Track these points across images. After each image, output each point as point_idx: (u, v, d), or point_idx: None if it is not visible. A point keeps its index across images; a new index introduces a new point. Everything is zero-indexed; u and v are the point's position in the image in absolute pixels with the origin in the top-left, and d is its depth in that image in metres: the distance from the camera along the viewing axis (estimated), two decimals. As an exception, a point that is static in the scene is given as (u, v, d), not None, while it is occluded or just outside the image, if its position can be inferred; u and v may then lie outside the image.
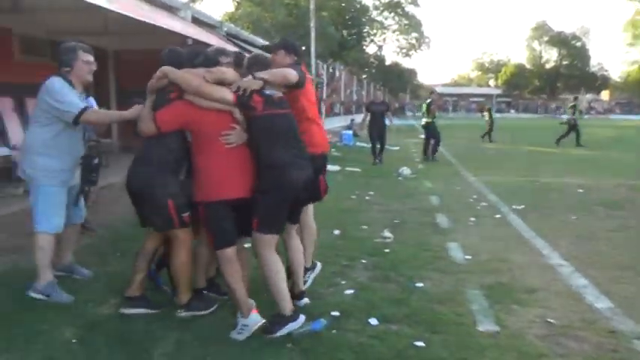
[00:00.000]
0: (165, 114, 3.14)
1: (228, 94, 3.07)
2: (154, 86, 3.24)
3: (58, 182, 3.63)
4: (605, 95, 74.98)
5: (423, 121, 13.60)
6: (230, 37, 12.58)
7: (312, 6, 18.73)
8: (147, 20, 6.19)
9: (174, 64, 3.28)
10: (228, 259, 3.14)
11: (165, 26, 6.78)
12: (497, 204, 7.44)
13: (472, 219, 6.47)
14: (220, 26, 12.23)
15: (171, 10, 9.95)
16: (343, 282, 4.12)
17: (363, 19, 41.92)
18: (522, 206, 7.21)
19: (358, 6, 42.21)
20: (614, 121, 47.15)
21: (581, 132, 17.87)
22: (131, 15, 5.96)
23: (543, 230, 5.88)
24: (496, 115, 23.49)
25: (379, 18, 51.80)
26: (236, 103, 3.08)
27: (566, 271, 4.47)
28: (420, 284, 4.08)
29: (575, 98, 19.43)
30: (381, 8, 51.51)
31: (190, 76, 3.10)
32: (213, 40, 9.88)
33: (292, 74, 3.29)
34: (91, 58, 3.74)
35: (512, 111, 65.78)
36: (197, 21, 10.88)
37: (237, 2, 31.11)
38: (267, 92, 3.16)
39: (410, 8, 52.00)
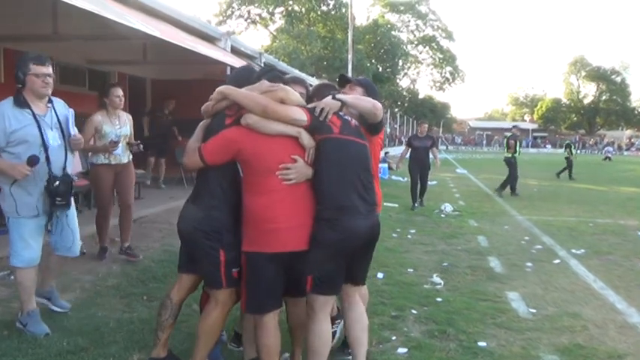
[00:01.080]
0: (213, 143, 2.57)
1: (302, 114, 2.56)
2: (210, 110, 2.71)
3: (25, 213, 3.32)
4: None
5: (504, 156, 13.41)
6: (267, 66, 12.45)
7: (349, 39, 18.66)
8: (187, 47, 5.96)
9: (240, 82, 2.71)
10: (263, 325, 2.60)
11: (205, 53, 6.56)
12: (553, 247, 6.85)
13: (529, 264, 5.91)
14: (259, 57, 12.09)
15: (212, 40, 9.85)
16: (393, 337, 3.64)
17: (398, 53, 41.93)
18: (582, 250, 6.62)
19: (393, 39, 42.33)
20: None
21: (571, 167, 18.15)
22: (172, 41, 5.75)
23: (612, 280, 5.30)
24: (531, 150, 22.95)
25: (414, 52, 51.95)
26: (309, 126, 2.56)
27: (651, 332, 3.89)
28: (483, 344, 3.57)
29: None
30: (416, 42, 51.69)
31: (256, 94, 2.55)
32: (252, 71, 9.72)
33: (381, 108, 2.80)
34: (45, 70, 3.30)
35: (549, 146, 64.35)
36: (236, 51, 10.76)
37: (274, 35, 31.58)
38: (345, 116, 2.71)
39: (445, 42, 52.09)
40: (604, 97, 68.39)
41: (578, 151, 58.04)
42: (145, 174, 8.68)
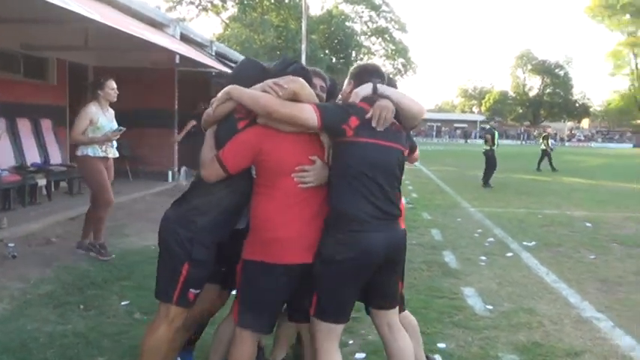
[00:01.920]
0: (232, 149, 2.27)
1: (312, 114, 2.21)
2: (217, 114, 2.35)
3: None
4: (585, 123, 76.12)
5: (483, 149, 13.77)
6: (219, 56, 12.07)
7: (303, 29, 18.39)
8: (131, 32, 5.60)
9: (241, 79, 2.37)
10: (242, 338, 2.33)
11: (151, 40, 6.19)
12: (505, 240, 6.92)
13: (483, 258, 5.92)
14: (210, 45, 11.71)
15: (160, 26, 9.42)
16: (351, 342, 3.48)
17: (352, 44, 41.88)
18: (533, 243, 6.71)
19: (347, 30, 42.24)
20: (597, 150, 47.61)
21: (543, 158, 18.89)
22: (114, 26, 5.37)
23: (563, 272, 5.36)
24: (479, 141, 23.64)
25: (367, 43, 52.09)
26: (321, 127, 2.24)
27: (605, 326, 3.91)
28: (443, 345, 3.48)
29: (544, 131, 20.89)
30: (369, 33, 51.84)
31: (258, 92, 2.25)
32: (203, 59, 9.35)
33: (424, 114, 2.49)
34: None
35: (496, 137, 66.04)
36: (186, 39, 10.35)
37: (226, 23, 30.84)
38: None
39: (397, 34, 52.47)
40: (548, 90, 71.01)
41: (524, 142, 60.59)
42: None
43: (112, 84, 5.02)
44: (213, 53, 11.63)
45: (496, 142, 13.52)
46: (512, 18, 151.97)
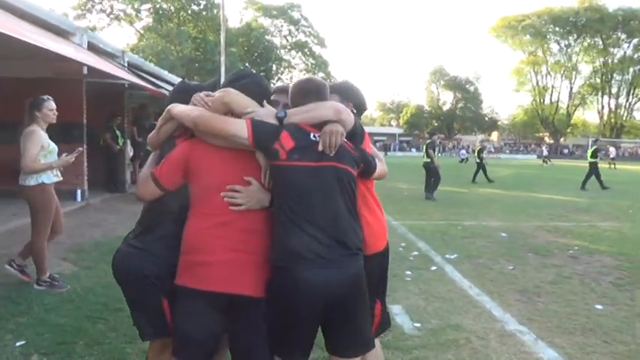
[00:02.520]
0: (165, 165, 2.17)
1: (242, 129, 2.03)
2: (161, 135, 2.28)
3: None
4: (494, 136, 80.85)
5: (423, 161, 14.13)
6: (132, 67, 11.47)
7: (222, 41, 18.02)
8: (21, 38, 5.07)
9: (177, 97, 2.32)
10: None
11: (49, 48, 5.66)
12: (428, 253, 6.98)
13: (408, 272, 5.90)
14: (122, 55, 11.09)
15: (64, 34, 8.76)
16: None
17: (272, 57, 41.88)
18: (455, 255, 6.81)
19: (267, 44, 42.23)
20: (506, 161, 50.56)
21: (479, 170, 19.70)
22: (9, 34, 4.84)
23: (485, 285, 5.45)
24: (398, 154, 24.54)
25: (287, 57, 52.45)
26: (252, 144, 2.04)
27: (529, 339, 3.95)
28: (373, 369, 3.33)
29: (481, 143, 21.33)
30: (289, 47, 52.24)
31: (190, 107, 2.14)
32: (114, 70, 8.80)
33: (345, 111, 2.19)
34: None
35: (414, 150, 68.63)
36: (94, 48, 9.71)
37: (141, 34, 29.69)
38: (308, 132, 2.11)
39: (317, 48, 53.27)
40: (460, 105, 74.85)
41: (439, 155, 63.13)
42: (-21, 188, 7.39)
43: (51, 104, 4.65)
44: (126, 64, 11.02)
45: (436, 156, 14.16)
46: (426, 35, 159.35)
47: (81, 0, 32.00)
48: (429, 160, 13.88)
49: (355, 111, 2.49)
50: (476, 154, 20.55)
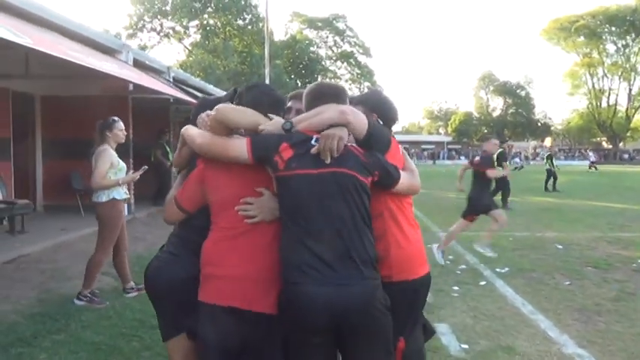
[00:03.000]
0: (184, 187, 2.21)
1: (241, 150, 1.96)
2: (182, 157, 2.30)
3: None
4: (548, 142, 78.09)
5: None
6: (177, 82, 11.66)
7: (266, 54, 18.18)
8: (67, 58, 5.16)
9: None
10: None
11: (92, 66, 5.75)
12: (477, 267, 6.63)
13: (455, 288, 5.60)
14: (167, 71, 11.30)
15: (110, 52, 8.97)
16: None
17: (317, 68, 42.05)
18: (506, 269, 6.44)
19: (312, 55, 42.46)
20: (560, 167, 48.50)
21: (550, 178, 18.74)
22: (45, 50, 4.93)
23: (540, 302, 5.08)
24: (447, 162, 23.77)
25: (332, 67, 52.57)
26: (254, 162, 1.98)
27: (589, 365, 3.60)
28: (416, 396, 3.09)
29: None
30: (334, 58, 52.34)
31: (196, 131, 2.12)
32: (158, 86, 8.93)
33: (353, 112, 2.02)
34: None
35: (462, 157, 67.22)
36: (140, 65, 9.92)
37: (189, 50, 30.47)
38: (306, 139, 1.98)
39: (362, 58, 53.13)
40: (511, 110, 72.72)
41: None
42: (28, 204, 7.60)
43: (121, 125, 4.93)
44: (171, 79, 11.21)
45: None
46: (474, 40, 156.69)
47: (132, 20, 33.33)
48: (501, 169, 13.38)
49: (381, 122, 2.30)
50: (546, 161, 19.60)
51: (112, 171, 4.77)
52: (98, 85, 9.10)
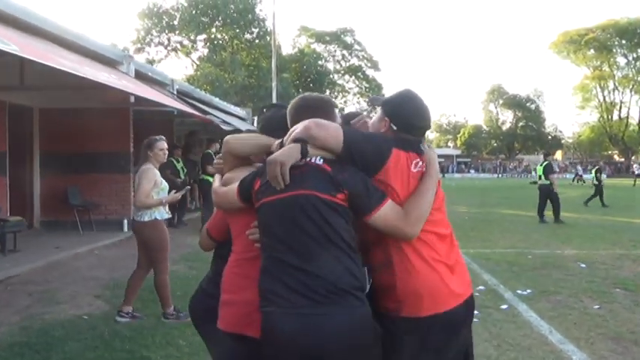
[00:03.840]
0: (213, 217, 2.27)
1: (234, 197, 1.97)
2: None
3: None
4: (558, 155, 77.31)
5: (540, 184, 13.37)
6: (181, 95, 11.37)
7: (273, 68, 17.94)
8: (62, 67, 4.84)
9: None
10: None
11: (89, 76, 5.42)
12: (497, 288, 6.18)
13: (475, 312, 5.13)
14: (171, 84, 11.02)
15: (111, 63, 8.70)
16: None
17: (325, 82, 41.88)
18: (528, 291, 5.98)
19: (319, 69, 42.32)
20: (572, 181, 47.86)
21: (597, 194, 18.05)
22: (34, 59, 4.60)
23: (569, 329, 4.62)
24: (456, 176, 23.15)
25: (340, 81, 52.47)
26: (243, 204, 1.93)
27: (635, 408, 3.15)
28: None
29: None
30: (342, 72, 52.25)
31: (216, 184, 2.16)
32: (159, 98, 8.62)
33: (322, 126, 1.81)
34: None
35: (472, 171, 66.70)
36: (142, 77, 9.64)
37: (197, 64, 30.41)
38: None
39: (370, 72, 52.99)
40: (521, 124, 72.13)
41: (500, 175, 61.07)
42: (20, 221, 7.24)
43: (163, 144, 4.83)
44: (175, 92, 10.92)
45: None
46: (483, 53, 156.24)
47: (140, 34, 33.35)
48: (547, 182, 12.97)
49: (395, 128, 1.99)
50: (594, 175, 18.91)
51: (155, 190, 4.68)
52: (99, 98, 8.82)
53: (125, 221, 9.17)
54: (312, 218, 1.72)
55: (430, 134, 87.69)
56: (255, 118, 13.80)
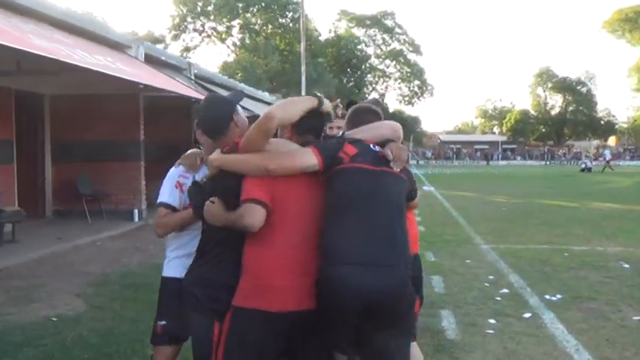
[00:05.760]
0: (254, 186, 2.22)
1: (311, 157, 2.10)
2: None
3: None
4: (612, 141, 73.55)
5: None
6: (200, 80, 10.99)
7: (302, 51, 17.38)
8: (29, 50, 4.46)
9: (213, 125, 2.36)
10: None
11: (74, 62, 5.04)
12: (522, 291, 5.50)
13: (491, 322, 4.52)
14: (189, 68, 10.64)
15: (120, 47, 8.38)
16: None
17: (365, 67, 40.95)
18: (558, 296, 5.27)
19: (358, 54, 41.44)
20: (626, 168, 45.36)
21: None
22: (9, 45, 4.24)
23: (600, 347, 3.95)
24: (501, 163, 22.11)
25: (381, 66, 51.40)
26: (323, 168, 2.12)
27: None
28: None
29: None
30: (383, 56, 51.16)
31: (258, 157, 2.13)
32: (168, 84, 8.24)
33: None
34: None
35: (519, 158, 64.46)
36: (154, 61, 9.30)
37: (232, 50, 30.21)
38: (368, 144, 2.19)
39: (412, 56, 51.73)
40: (571, 108, 68.90)
41: (548, 163, 58.69)
42: (18, 211, 7.02)
43: None
44: (192, 76, 10.54)
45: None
46: (529, 35, 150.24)
47: (175, 21, 33.35)
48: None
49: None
50: None
51: None
52: (109, 83, 8.53)
53: (136, 211, 8.91)
54: (397, 196, 2.15)
55: (475, 120, 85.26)
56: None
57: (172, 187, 2.46)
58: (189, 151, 2.51)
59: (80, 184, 8.56)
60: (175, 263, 2.51)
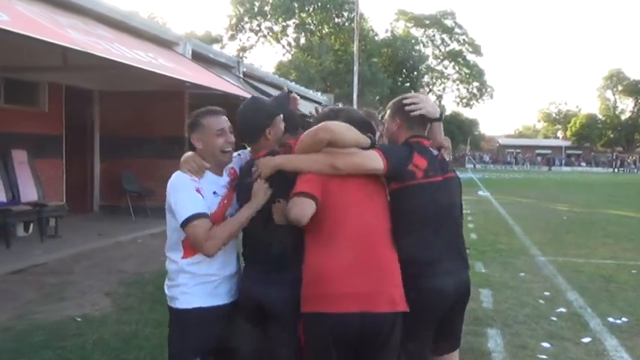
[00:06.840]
0: (305, 182, 2.31)
1: (378, 159, 2.18)
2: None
3: None
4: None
5: None
6: (249, 79, 10.90)
7: (355, 51, 17.09)
8: (69, 45, 4.42)
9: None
10: None
11: (118, 60, 4.97)
12: (582, 312, 4.98)
13: (545, 345, 4.08)
14: (237, 66, 10.57)
15: (167, 44, 8.38)
16: None
17: (421, 68, 40.13)
18: (623, 319, 4.74)
19: (415, 54, 40.68)
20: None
21: None
22: (60, 43, 4.20)
23: (673, 384, 3.42)
24: (565, 169, 21.01)
25: (439, 67, 50.33)
26: (387, 173, 2.20)
27: None
28: None
29: None
30: (441, 57, 50.05)
31: (322, 156, 2.18)
32: (213, 82, 8.15)
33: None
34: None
35: (584, 164, 61.54)
36: (202, 58, 9.26)
37: (287, 50, 30.35)
38: (432, 150, 2.30)
39: (471, 57, 50.34)
40: (644, 113, 65.08)
41: (617, 170, 55.58)
42: (61, 206, 7.09)
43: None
44: (241, 75, 10.46)
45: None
46: (597, 36, 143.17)
47: (232, 21, 33.86)
48: None
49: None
50: None
51: None
52: (156, 80, 8.55)
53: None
54: (460, 197, 2.34)
55: (537, 124, 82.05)
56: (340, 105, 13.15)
57: (194, 194, 2.12)
58: (186, 156, 2.23)
59: (125, 180, 8.64)
60: (207, 289, 2.16)
